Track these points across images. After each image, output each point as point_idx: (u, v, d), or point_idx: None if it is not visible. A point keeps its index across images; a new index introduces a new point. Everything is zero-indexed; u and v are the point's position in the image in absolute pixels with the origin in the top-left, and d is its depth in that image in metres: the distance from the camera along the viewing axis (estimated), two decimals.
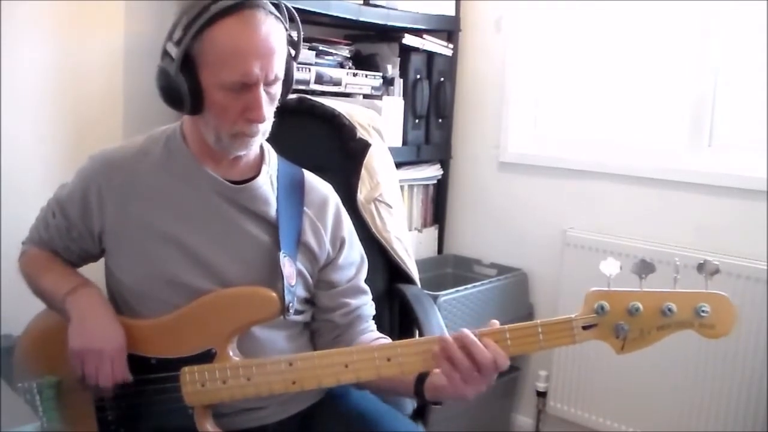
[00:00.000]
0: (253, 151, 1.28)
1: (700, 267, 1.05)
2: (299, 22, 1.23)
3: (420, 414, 1.54)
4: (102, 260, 1.34)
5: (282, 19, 1.18)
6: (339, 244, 1.35)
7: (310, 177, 1.37)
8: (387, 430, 1.29)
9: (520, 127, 2.60)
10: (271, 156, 1.35)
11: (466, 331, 1.09)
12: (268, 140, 1.33)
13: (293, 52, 1.24)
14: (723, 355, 2.08)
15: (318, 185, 1.37)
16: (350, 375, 1.15)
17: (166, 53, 1.17)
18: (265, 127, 1.21)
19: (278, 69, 1.16)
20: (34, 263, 1.34)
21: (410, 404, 1.56)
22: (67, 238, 1.32)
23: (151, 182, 1.27)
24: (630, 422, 2.30)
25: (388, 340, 1.34)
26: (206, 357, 1.20)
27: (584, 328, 1.09)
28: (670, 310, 1.06)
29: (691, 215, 2.20)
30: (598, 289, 1.09)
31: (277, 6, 1.18)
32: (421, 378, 1.19)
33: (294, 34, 1.23)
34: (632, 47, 2.38)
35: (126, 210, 1.26)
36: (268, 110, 1.19)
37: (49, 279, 1.29)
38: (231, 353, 1.20)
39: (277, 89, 1.20)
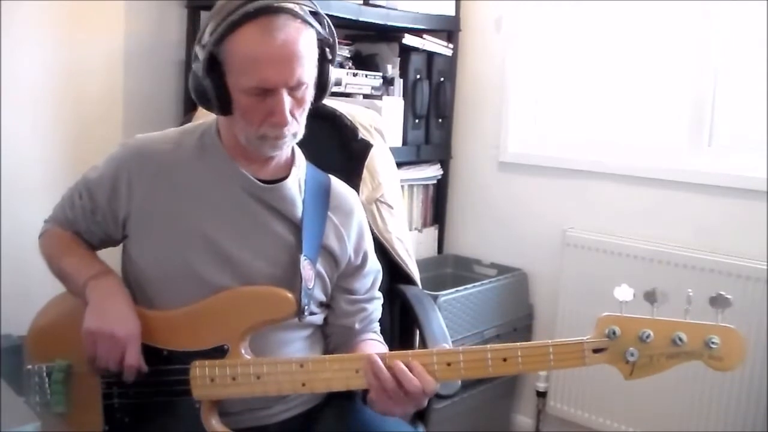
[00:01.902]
0: (285, 152, 1.29)
1: (713, 300, 1.07)
2: (329, 23, 1.23)
3: (420, 414, 1.54)
4: (118, 249, 1.35)
5: (312, 23, 1.18)
6: (363, 255, 1.37)
7: (336, 183, 1.39)
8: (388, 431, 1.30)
9: (520, 127, 2.60)
10: (301, 160, 1.36)
11: (397, 361, 1.12)
12: None
13: (330, 56, 1.24)
14: None
15: (344, 192, 1.39)
16: (360, 380, 1.15)
17: (195, 56, 1.20)
18: (294, 130, 1.21)
19: (302, 74, 1.16)
20: (56, 244, 1.35)
21: None
22: (91, 221, 1.32)
23: (182, 174, 1.28)
24: (630, 422, 2.30)
25: (378, 342, 1.37)
26: (218, 353, 1.20)
27: (595, 351, 1.11)
28: (680, 339, 1.08)
29: (691, 215, 2.20)
30: (610, 314, 1.10)
31: (313, 12, 1.18)
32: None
33: (327, 36, 1.22)
34: (632, 47, 2.38)
35: (155, 199, 1.27)
36: (297, 114, 1.19)
37: (71, 262, 1.30)
38: (243, 351, 1.20)
39: (305, 94, 1.20)
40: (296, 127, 1.21)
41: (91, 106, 2.02)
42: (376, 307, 1.41)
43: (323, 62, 1.23)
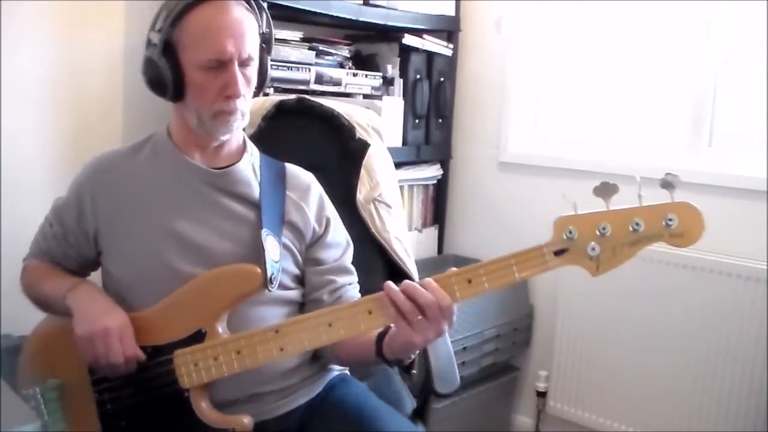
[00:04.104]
0: (235, 137, 1.35)
1: (664, 183, 1.06)
2: (269, 17, 1.32)
3: (420, 413, 1.54)
4: (98, 273, 1.37)
5: (253, 12, 1.28)
6: (325, 222, 1.40)
7: (291, 167, 1.43)
8: (386, 427, 1.30)
9: (520, 127, 2.60)
10: (253, 149, 1.41)
11: (409, 281, 1.13)
12: (263, 138, 1.36)
13: (267, 49, 1.33)
14: (723, 355, 2.08)
15: (300, 173, 1.43)
16: (334, 333, 1.17)
17: (149, 42, 1.27)
18: (243, 107, 1.27)
19: (251, 50, 1.25)
20: (34, 275, 1.39)
21: (410, 403, 1.56)
22: (65, 245, 1.36)
23: (140, 180, 1.33)
24: (630, 422, 2.30)
25: None
26: (197, 338, 1.23)
27: (556, 254, 1.11)
28: (637, 224, 1.07)
29: None
30: (565, 215, 1.11)
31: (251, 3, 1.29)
32: (381, 339, 1.22)
33: (266, 30, 1.32)
34: (633, 47, 2.38)
35: (118, 209, 1.31)
36: (246, 92, 1.27)
37: (50, 285, 1.34)
38: (221, 330, 1.23)
39: (252, 72, 1.28)
40: (245, 105, 1.28)
41: (91, 106, 2.02)
42: (347, 282, 1.41)
43: (262, 53, 1.32)
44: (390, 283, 1.14)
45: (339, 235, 1.42)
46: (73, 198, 1.34)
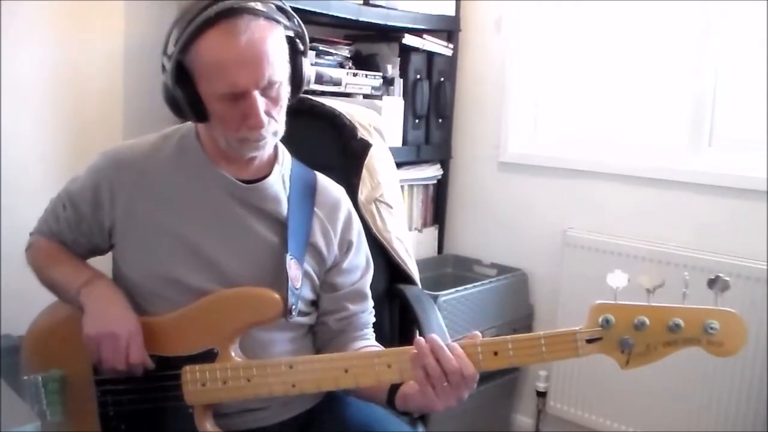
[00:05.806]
0: (266, 150, 1.27)
1: (711, 283, 1.03)
2: (298, 19, 1.22)
3: (420, 415, 1.54)
4: (108, 257, 1.35)
5: (277, 19, 1.17)
6: (346, 247, 1.35)
7: (323, 179, 1.38)
8: (386, 428, 1.30)
9: (520, 127, 2.60)
10: (285, 156, 1.35)
11: (435, 337, 1.08)
12: None
13: (302, 48, 1.23)
14: None
15: (331, 188, 1.38)
16: (350, 380, 1.14)
17: (163, 67, 1.18)
18: (274, 129, 1.20)
19: (273, 73, 1.14)
20: (44, 255, 1.34)
21: None
22: (77, 231, 1.32)
23: (161, 180, 1.27)
24: (630, 422, 2.30)
25: (380, 348, 1.33)
26: (208, 356, 1.20)
27: (588, 341, 1.07)
28: (677, 325, 1.03)
29: (691, 215, 2.20)
30: (603, 302, 1.07)
31: (278, 7, 1.18)
32: (394, 388, 1.19)
33: (298, 30, 1.22)
34: (632, 47, 2.38)
35: (136, 207, 1.26)
36: (275, 113, 1.19)
37: (61, 271, 1.30)
38: (233, 353, 1.20)
39: (279, 92, 1.18)
40: (275, 126, 1.20)
41: (91, 106, 2.01)
42: (360, 309, 1.37)
43: (295, 56, 1.22)
44: (421, 342, 1.08)
45: (360, 258, 1.38)
46: (89, 186, 1.28)
